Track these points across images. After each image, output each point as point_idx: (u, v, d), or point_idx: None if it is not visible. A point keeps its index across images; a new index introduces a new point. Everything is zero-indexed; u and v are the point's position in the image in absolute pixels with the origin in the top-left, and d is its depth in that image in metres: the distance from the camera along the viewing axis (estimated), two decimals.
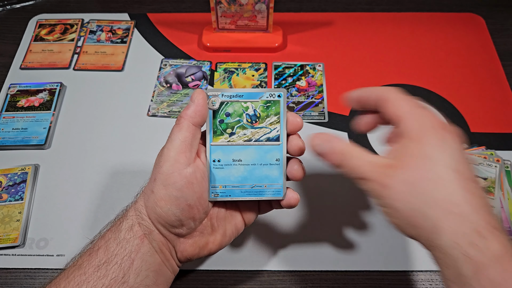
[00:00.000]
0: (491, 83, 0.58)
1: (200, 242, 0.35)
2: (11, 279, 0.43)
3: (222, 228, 0.36)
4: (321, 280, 0.43)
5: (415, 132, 0.29)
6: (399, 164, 0.29)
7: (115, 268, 0.32)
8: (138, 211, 0.34)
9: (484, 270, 0.25)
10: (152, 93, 0.57)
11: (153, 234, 0.33)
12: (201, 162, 0.34)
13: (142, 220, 0.33)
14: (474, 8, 0.66)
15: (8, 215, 0.47)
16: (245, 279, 0.43)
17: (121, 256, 0.32)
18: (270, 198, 0.35)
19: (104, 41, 0.63)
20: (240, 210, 0.37)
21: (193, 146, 0.33)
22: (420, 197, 0.28)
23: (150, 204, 0.33)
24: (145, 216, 0.33)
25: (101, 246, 0.33)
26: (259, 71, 0.59)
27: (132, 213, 0.34)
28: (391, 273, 0.43)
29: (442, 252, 0.27)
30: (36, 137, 0.53)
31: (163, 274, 0.35)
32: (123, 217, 0.34)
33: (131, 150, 0.52)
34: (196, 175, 0.33)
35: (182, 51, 0.62)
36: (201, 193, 0.33)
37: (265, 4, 0.57)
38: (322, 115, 0.55)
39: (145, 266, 0.33)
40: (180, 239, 0.34)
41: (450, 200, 0.27)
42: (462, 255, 0.26)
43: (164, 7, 0.68)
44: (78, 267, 0.32)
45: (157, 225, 0.33)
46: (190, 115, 0.33)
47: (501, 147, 0.51)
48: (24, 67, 0.60)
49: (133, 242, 0.33)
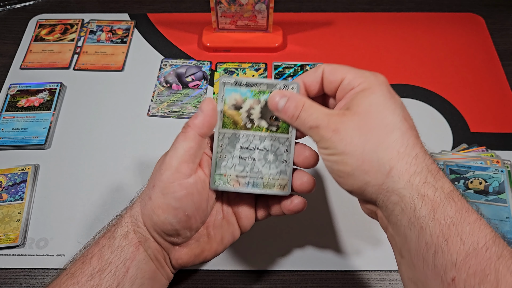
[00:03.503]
0: (491, 83, 0.58)
1: (196, 250, 0.34)
2: (11, 279, 0.44)
3: (218, 236, 0.35)
4: (321, 280, 0.43)
5: (363, 85, 0.30)
6: (351, 112, 0.30)
7: (109, 277, 0.31)
8: (134, 217, 0.33)
9: (441, 208, 0.26)
10: (152, 93, 0.57)
11: (148, 241, 0.33)
12: (203, 172, 0.33)
13: (138, 227, 0.33)
14: (474, 8, 0.66)
15: (8, 215, 0.47)
16: (245, 279, 0.43)
17: (116, 264, 0.32)
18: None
19: (104, 41, 0.63)
20: (237, 217, 0.36)
21: (197, 157, 0.32)
22: (373, 140, 0.28)
23: (147, 211, 0.32)
24: (140, 223, 0.33)
25: (95, 253, 0.32)
26: (259, 71, 0.59)
27: (127, 220, 0.33)
28: (391, 273, 0.43)
29: (397, 194, 0.27)
30: (36, 137, 0.53)
31: (158, 281, 0.34)
32: (117, 223, 0.34)
33: (131, 150, 0.52)
34: (197, 186, 0.32)
35: (182, 51, 0.62)
36: (200, 204, 0.33)
37: (265, 4, 0.57)
38: None
39: (140, 274, 0.32)
40: (175, 247, 0.34)
41: (402, 143, 0.28)
42: (418, 195, 0.26)
43: (164, 7, 0.68)
44: (71, 275, 0.32)
45: (153, 233, 0.33)
46: (198, 126, 0.32)
47: (501, 147, 0.51)
48: (24, 67, 0.60)
49: (128, 249, 0.32)
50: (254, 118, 0.33)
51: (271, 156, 0.33)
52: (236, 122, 0.33)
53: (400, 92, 0.57)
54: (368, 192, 0.29)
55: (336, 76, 0.31)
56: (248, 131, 0.33)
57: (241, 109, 0.33)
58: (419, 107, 0.55)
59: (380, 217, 0.30)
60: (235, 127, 0.33)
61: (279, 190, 0.34)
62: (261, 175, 0.33)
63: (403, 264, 0.29)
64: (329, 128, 0.29)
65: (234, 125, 0.33)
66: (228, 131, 0.33)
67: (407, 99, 0.56)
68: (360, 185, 0.29)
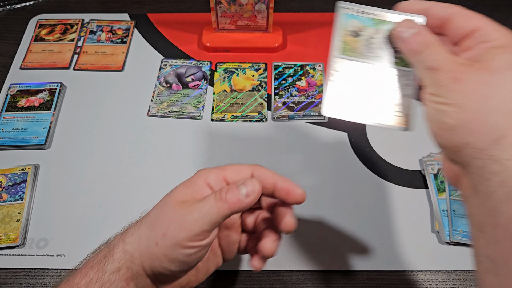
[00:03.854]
0: None
1: (183, 282, 0.35)
2: (11, 279, 0.44)
3: (204, 268, 0.36)
4: (321, 280, 0.43)
5: (501, 41, 0.27)
6: (480, 65, 0.27)
7: None
8: (129, 254, 0.32)
9: None
10: (152, 93, 0.57)
11: (140, 277, 0.32)
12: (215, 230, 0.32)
13: (132, 263, 0.32)
14: (474, 8, 0.66)
15: (8, 215, 0.47)
16: (245, 279, 0.43)
17: None
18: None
19: (104, 41, 0.63)
20: (222, 250, 0.37)
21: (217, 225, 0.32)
22: (495, 101, 0.25)
23: (150, 255, 0.31)
24: (136, 262, 0.32)
25: (81, 286, 0.31)
26: (259, 71, 0.59)
27: (120, 255, 0.32)
28: (391, 273, 0.43)
29: (500, 163, 0.24)
30: (36, 137, 0.53)
31: None
32: (108, 257, 0.32)
33: (131, 150, 0.52)
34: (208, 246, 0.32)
35: (182, 51, 0.62)
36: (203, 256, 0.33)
37: (265, 4, 0.57)
38: (322, 115, 0.55)
39: None
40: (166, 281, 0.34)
41: None
42: None
43: (164, 7, 0.68)
44: None
45: (148, 272, 0.32)
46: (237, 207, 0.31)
47: None
48: (24, 67, 0.60)
49: (118, 284, 0.31)
50: (374, 47, 0.32)
51: (391, 88, 0.31)
52: (354, 49, 0.32)
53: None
54: (465, 154, 0.26)
55: (470, 24, 0.29)
56: (367, 60, 0.32)
57: (360, 37, 0.32)
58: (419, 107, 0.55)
59: (465, 184, 0.27)
60: (354, 54, 0.32)
61: (399, 125, 0.31)
62: (380, 106, 0.31)
63: (481, 239, 0.26)
64: (450, 75, 0.27)
65: (353, 52, 0.32)
66: (346, 57, 0.32)
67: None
68: (459, 143, 0.26)
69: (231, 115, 0.55)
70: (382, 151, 0.52)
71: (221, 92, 0.57)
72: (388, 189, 0.49)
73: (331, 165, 0.51)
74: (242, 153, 0.52)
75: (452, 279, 0.43)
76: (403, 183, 0.49)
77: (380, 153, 0.52)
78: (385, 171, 0.50)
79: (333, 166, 0.51)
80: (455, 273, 0.43)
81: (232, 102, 0.56)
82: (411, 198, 0.48)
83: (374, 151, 0.52)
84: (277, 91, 0.57)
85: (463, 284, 0.43)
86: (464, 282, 0.43)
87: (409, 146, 0.52)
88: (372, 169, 0.50)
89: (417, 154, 0.51)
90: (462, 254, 0.44)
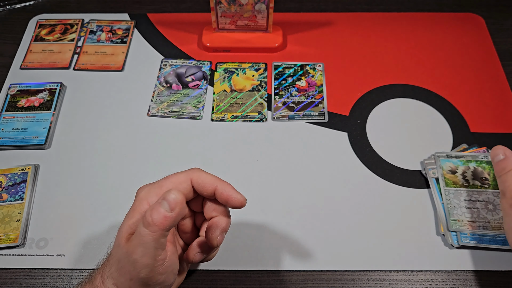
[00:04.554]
0: (491, 83, 0.58)
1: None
2: (11, 279, 0.44)
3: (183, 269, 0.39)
4: (321, 280, 0.43)
5: None
6: None
7: None
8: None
9: None
10: (152, 93, 0.57)
11: None
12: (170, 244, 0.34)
13: None
14: (474, 8, 0.66)
15: (8, 215, 0.47)
16: (245, 279, 0.43)
17: None
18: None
19: (104, 41, 0.63)
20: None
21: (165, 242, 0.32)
22: None
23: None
24: None
25: None
26: (259, 71, 0.59)
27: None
28: (391, 273, 0.43)
29: None
30: (36, 137, 0.53)
31: None
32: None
33: (131, 150, 0.52)
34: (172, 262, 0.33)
35: (182, 51, 0.62)
36: (176, 268, 0.34)
37: (265, 4, 0.57)
38: (322, 115, 0.55)
39: None
40: None
41: None
42: None
43: (164, 7, 0.68)
44: None
45: None
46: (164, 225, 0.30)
47: None
48: (24, 67, 0.60)
49: None
50: (468, 179, 0.46)
51: (490, 206, 0.44)
52: (455, 182, 0.46)
53: (400, 93, 0.57)
54: None
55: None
56: (467, 188, 0.45)
57: (457, 173, 0.46)
58: (419, 107, 0.55)
59: None
60: (456, 185, 0.46)
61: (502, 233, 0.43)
62: (487, 220, 0.44)
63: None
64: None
65: (454, 184, 0.46)
66: (451, 189, 0.46)
67: (407, 99, 0.56)
68: None
69: (231, 115, 0.55)
70: (382, 151, 0.52)
71: (221, 92, 0.57)
72: (388, 189, 0.49)
73: (331, 165, 0.51)
74: (242, 153, 0.52)
75: (452, 279, 0.43)
76: (403, 183, 0.49)
77: (380, 153, 0.52)
78: (385, 171, 0.50)
79: (333, 166, 0.50)
80: (455, 273, 0.43)
81: (232, 102, 0.56)
82: (412, 198, 0.48)
83: (374, 151, 0.52)
84: (277, 91, 0.57)
85: (463, 284, 0.43)
86: (464, 282, 0.43)
87: (409, 146, 0.52)
88: (372, 169, 0.50)
89: (418, 154, 0.51)
90: (465, 256, 0.44)
